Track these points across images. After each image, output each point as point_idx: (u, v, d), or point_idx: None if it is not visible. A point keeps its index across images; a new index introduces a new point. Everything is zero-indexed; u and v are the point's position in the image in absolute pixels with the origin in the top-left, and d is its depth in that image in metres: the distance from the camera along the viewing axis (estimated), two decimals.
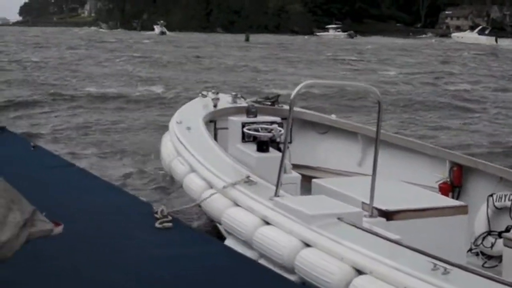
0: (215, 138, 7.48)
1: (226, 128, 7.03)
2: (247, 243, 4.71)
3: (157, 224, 5.44)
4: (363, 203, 4.98)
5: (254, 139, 6.23)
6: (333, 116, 8.45)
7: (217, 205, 5.16)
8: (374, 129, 4.92)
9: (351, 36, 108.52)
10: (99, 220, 5.68)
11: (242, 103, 8.30)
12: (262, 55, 50.55)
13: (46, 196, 6.01)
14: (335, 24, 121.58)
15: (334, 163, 8.03)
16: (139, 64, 36.81)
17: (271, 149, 6.12)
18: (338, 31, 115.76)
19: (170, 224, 5.45)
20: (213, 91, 8.59)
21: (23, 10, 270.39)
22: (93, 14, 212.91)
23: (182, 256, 4.81)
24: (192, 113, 7.71)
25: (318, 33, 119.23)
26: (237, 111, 7.84)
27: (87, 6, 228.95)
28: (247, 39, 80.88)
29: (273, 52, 54.49)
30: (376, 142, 4.85)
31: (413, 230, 4.78)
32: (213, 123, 7.77)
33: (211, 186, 5.41)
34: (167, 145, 6.89)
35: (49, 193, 6.35)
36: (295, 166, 6.96)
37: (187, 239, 5.23)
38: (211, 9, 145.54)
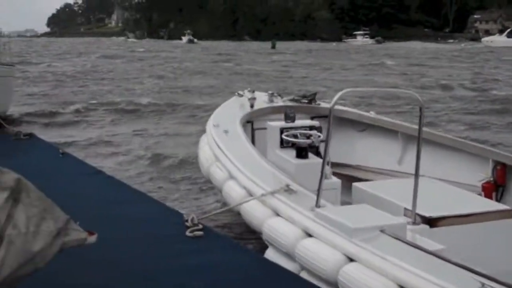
0: (253, 139, 7.43)
1: (264, 129, 6.94)
2: (289, 255, 4.64)
3: (187, 233, 5.46)
4: (405, 209, 4.88)
5: (293, 144, 6.15)
6: (372, 113, 8.32)
7: (258, 214, 5.10)
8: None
9: (379, 42, 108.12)
10: (129, 229, 5.67)
11: (279, 101, 8.23)
12: (293, 61, 50.65)
13: (75, 204, 5.88)
14: (363, 30, 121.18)
15: (374, 161, 7.90)
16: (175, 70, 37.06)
17: (310, 154, 6.05)
18: (366, 37, 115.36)
19: (201, 233, 5.46)
20: (249, 89, 8.48)
21: (50, 21, 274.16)
22: (120, 24, 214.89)
23: (214, 265, 4.81)
24: (229, 115, 7.63)
25: (346, 40, 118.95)
26: (274, 111, 7.77)
27: (114, 16, 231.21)
28: (273, 47, 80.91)
29: (303, 59, 54.42)
30: (418, 146, 4.71)
31: (457, 237, 4.68)
32: (250, 123, 7.68)
33: (250, 194, 5.34)
34: (205, 149, 6.83)
35: (79, 201, 6.32)
36: (334, 165, 6.86)
37: (218, 248, 5.22)
38: (238, 17, 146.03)
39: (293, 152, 6.05)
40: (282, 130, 6.34)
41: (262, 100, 8.21)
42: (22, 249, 2.97)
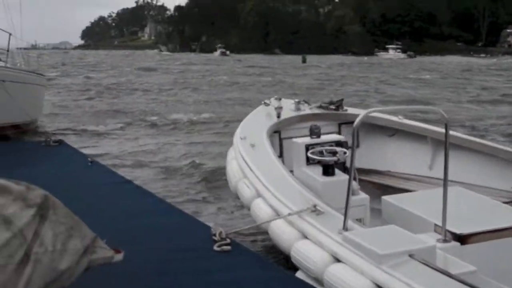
0: (281, 149, 7.40)
1: (291, 138, 6.86)
2: (317, 279, 4.55)
3: (215, 247, 5.40)
4: (435, 225, 4.74)
5: (320, 161, 6.04)
6: (401, 118, 8.12)
7: (285, 236, 5.02)
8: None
9: (410, 56, 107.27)
10: (156, 241, 5.64)
11: (306, 109, 8.15)
12: (326, 73, 50.53)
13: (102, 214, 6.19)
14: (395, 44, 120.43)
15: (403, 167, 7.76)
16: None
17: (337, 171, 5.94)
18: (398, 51, 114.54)
19: (229, 247, 5.41)
20: (275, 97, 8.38)
21: (84, 34, 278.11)
22: (153, 37, 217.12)
23: (241, 281, 4.77)
24: (256, 126, 7.54)
25: (377, 53, 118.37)
26: (301, 119, 7.62)
27: (147, 29, 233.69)
28: (304, 61, 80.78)
29: (336, 71, 54.23)
30: (445, 162, 4.61)
31: (491, 254, 4.53)
32: (278, 133, 7.60)
33: (278, 214, 5.28)
34: (233, 164, 6.77)
35: (106, 211, 6.36)
36: (363, 171, 6.73)
37: (246, 264, 5.17)
38: (269, 30, 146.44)
39: (319, 169, 5.97)
40: (307, 147, 6.26)
41: (289, 108, 8.11)
42: (49, 267, 2.92)
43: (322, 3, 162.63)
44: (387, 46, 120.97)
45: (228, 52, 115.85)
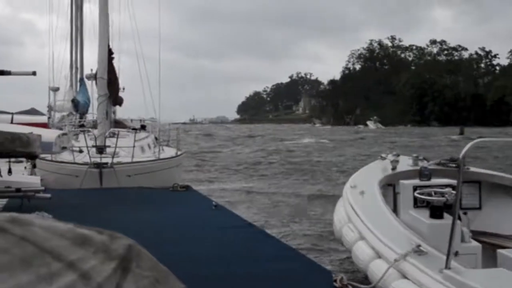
0: (394, 202, 7.13)
1: None
2: None
3: None
4: None
5: (428, 203, 5.79)
6: None
7: (385, 277, 4.86)
8: None
9: None
10: (275, 286, 5.60)
11: (425, 165, 7.72)
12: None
13: (222, 256, 6.54)
14: None
15: None
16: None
17: (446, 215, 5.61)
18: None
19: None
20: (394, 153, 8.30)
21: (240, 109, 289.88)
22: (307, 111, 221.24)
23: None
24: (368, 177, 7.46)
25: None
26: (416, 174, 7.28)
27: (301, 104, 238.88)
28: (461, 133, 77.84)
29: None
30: None
31: None
32: (392, 187, 7.39)
33: (379, 255, 5.19)
34: (340, 211, 6.78)
35: (227, 253, 6.62)
36: (483, 234, 6.45)
37: None
38: (426, 102, 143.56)
39: (427, 212, 5.73)
40: (415, 188, 6.06)
41: (406, 163, 7.92)
42: None
43: (481, 73, 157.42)
44: None
45: (379, 125, 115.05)
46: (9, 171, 8.70)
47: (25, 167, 13.75)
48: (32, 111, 13.95)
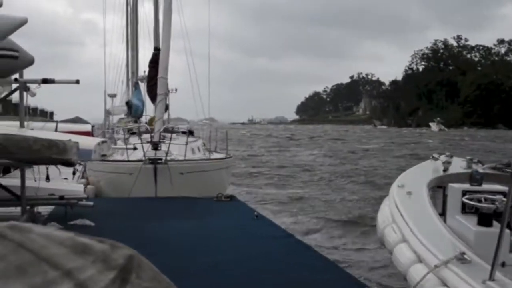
0: (443, 206, 6.86)
1: None
2: None
3: None
4: None
5: (477, 210, 5.54)
6: None
7: (424, 282, 4.65)
8: None
9: None
10: None
11: (478, 169, 7.42)
12: None
13: (261, 266, 6.69)
14: None
15: None
16: None
17: (495, 223, 5.30)
18: None
19: None
20: (447, 153, 7.96)
21: (299, 109, 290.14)
22: (367, 112, 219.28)
23: None
24: (418, 177, 7.27)
25: None
26: (468, 177, 7.00)
27: (362, 104, 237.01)
28: None
29: None
30: None
31: None
32: (442, 189, 7.06)
33: (420, 260, 5.01)
34: (384, 210, 6.55)
35: (265, 263, 6.79)
36: None
37: None
38: (492, 104, 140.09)
39: (475, 219, 5.46)
40: (464, 193, 5.83)
41: (459, 165, 7.64)
42: None
43: None
44: None
45: (442, 127, 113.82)
46: (47, 178, 8.91)
47: (76, 169, 13.93)
48: (77, 120, 14.69)
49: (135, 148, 14.48)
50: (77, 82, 10.00)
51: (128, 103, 21.73)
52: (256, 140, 65.33)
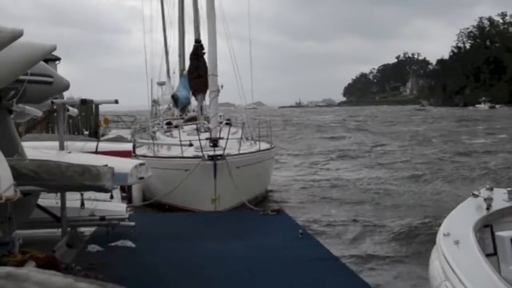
0: (494, 245, 6.61)
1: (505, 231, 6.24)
2: None
3: None
4: None
5: None
6: None
7: None
8: None
9: None
10: None
11: None
12: None
13: None
14: None
15: None
16: None
17: None
18: None
19: None
20: (487, 187, 7.45)
21: (346, 91, 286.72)
22: (414, 92, 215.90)
23: None
24: (462, 220, 6.78)
25: None
26: None
27: (409, 84, 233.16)
28: None
29: None
30: None
31: None
32: (489, 228, 6.74)
33: None
34: (435, 264, 6.23)
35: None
36: None
37: None
38: None
39: None
40: None
41: (501, 198, 7.12)
42: None
43: None
44: None
45: (494, 105, 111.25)
46: (82, 205, 8.85)
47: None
48: (118, 138, 13.90)
49: (191, 145, 14.23)
50: (116, 102, 9.96)
51: (174, 96, 21.59)
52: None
